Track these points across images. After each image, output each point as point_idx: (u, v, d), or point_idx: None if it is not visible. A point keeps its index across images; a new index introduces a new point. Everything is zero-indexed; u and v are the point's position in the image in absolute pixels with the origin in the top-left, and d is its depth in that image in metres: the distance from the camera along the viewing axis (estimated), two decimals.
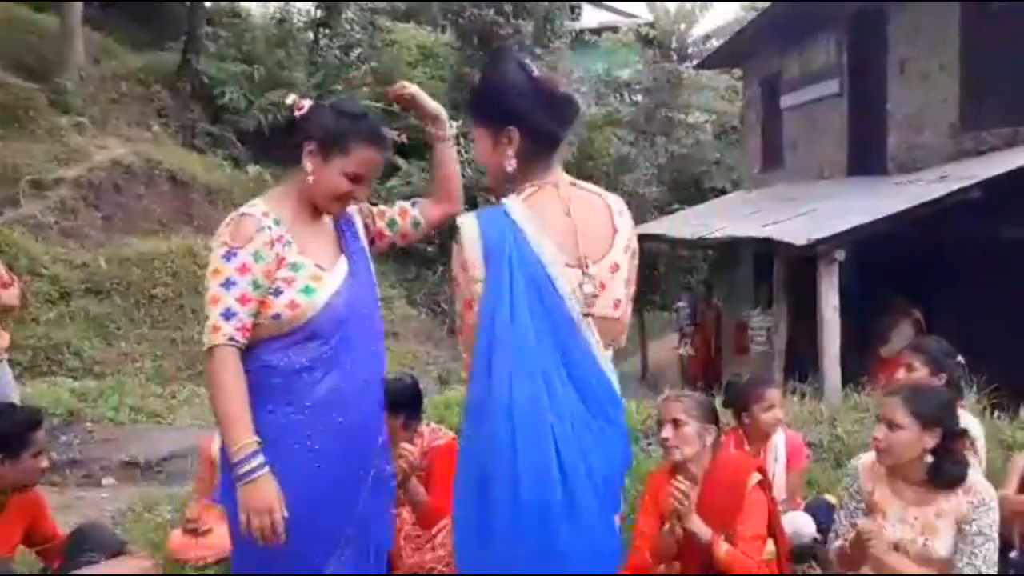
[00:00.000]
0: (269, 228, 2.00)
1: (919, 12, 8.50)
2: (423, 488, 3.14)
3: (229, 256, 1.96)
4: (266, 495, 1.89)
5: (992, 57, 7.66)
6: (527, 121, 1.85)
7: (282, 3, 13.90)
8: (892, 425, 2.42)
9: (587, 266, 1.83)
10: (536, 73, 1.89)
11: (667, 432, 2.75)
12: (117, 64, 12.59)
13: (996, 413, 4.54)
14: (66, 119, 10.69)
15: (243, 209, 2.05)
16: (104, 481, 5.50)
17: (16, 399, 4.64)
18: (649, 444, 4.47)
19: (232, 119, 12.45)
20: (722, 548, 2.58)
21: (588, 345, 1.82)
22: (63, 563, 2.93)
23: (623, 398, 5.16)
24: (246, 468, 1.88)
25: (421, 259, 12.78)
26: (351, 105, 2.22)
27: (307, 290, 2.01)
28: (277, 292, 1.98)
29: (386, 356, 2.26)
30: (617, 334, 1.93)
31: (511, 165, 1.87)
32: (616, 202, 1.95)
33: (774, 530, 2.80)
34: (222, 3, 16.21)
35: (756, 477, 2.74)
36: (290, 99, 2.14)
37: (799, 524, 3.17)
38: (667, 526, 2.69)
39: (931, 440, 2.41)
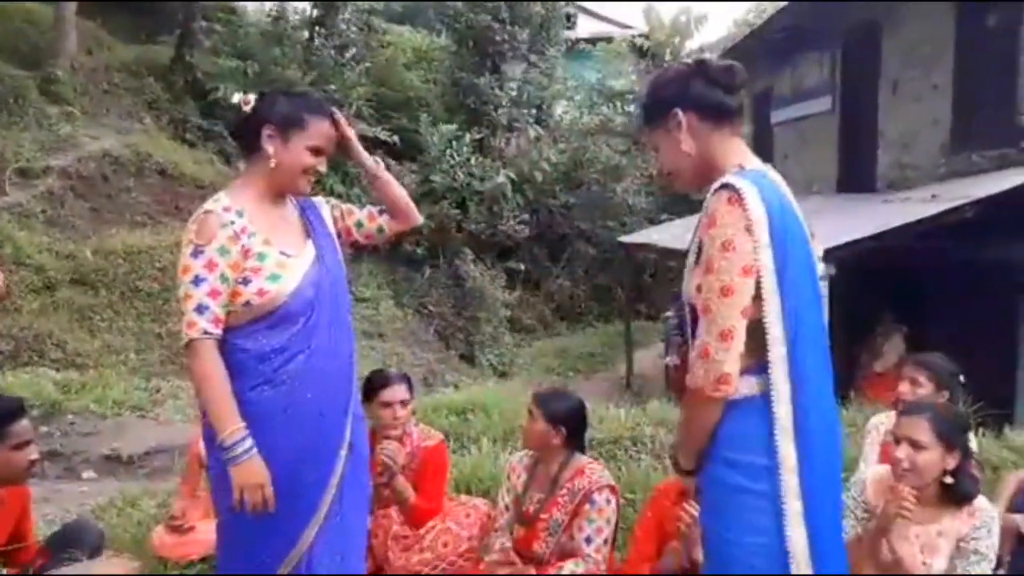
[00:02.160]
0: (232, 222, 2.11)
1: (913, 32, 8.58)
2: (411, 488, 3.13)
3: (196, 254, 2.08)
4: (257, 473, 2.05)
5: (985, 79, 7.74)
6: (689, 97, 1.82)
7: (278, 1, 13.87)
8: (916, 445, 2.40)
9: (816, 246, 1.81)
10: (692, 59, 1.89)
11: None
12: (110, 55, 12.48)
13: (981, 431, 4.57)
14: (56, 108, 10.58)
15: (207, 206, 2.15)
16: (84, 475, 5.44)
17: None
18: (637, 452, 4.47)
19: (224, 114, 12.36)
20: None
21: (825, 335, 1.82)
22: (47, 562, 2.87)
23: (608, 406, 5.16)
24: (239, 450, 2.04)
25: (408, 260, 12.74)
26: (295, 90, 2.36)
27: (274, 277, 2.12)
28: (246, 282, 2.10)
29: (354, 333, 2.36)
30: None
31: (689, 146, 1.83)
32: None
33: None
34: None
35: None
36: (236, 97, 2.27)
37: None
38: (673, 545, 2.69)
39: (952, 462, 2.41)
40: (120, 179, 10.16)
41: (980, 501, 2.47)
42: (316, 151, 2.22)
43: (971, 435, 3.27)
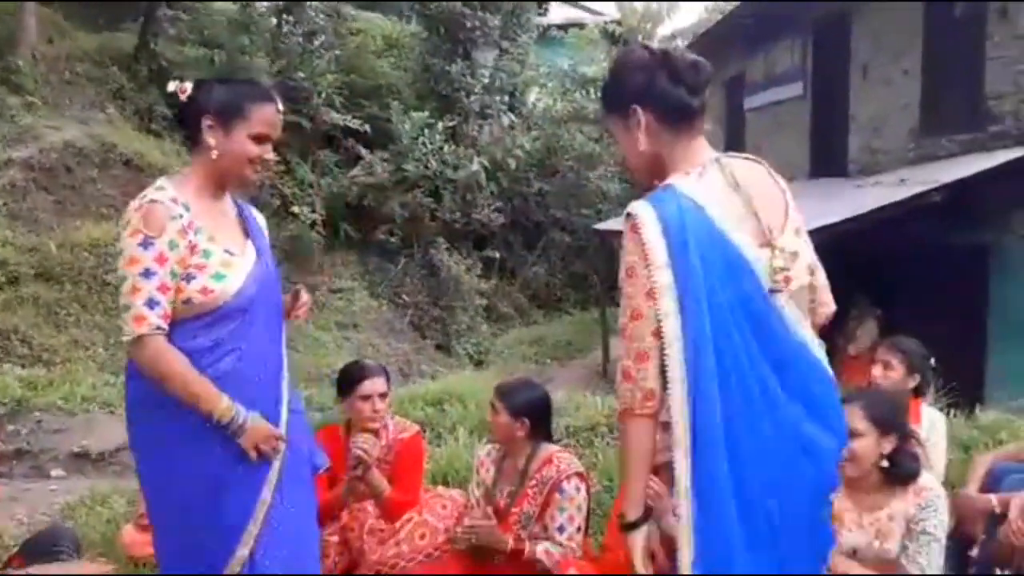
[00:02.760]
0: (180, 216, 2.04)
1: (883, 18, 8.64)
2: (386, 481, 3.10)
3: (146, 245, 2.00)
4: (264, 426, 2.10)
5: (953, 64, 7.81)
6: (651, 95, 1.78)
7: None
8: (852, 433, 2.41)
9: (774, 239, 1.75)
10: (657, 48, 1.83)
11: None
12: (71, 44, 12.17)
13: (952, 412, 4.63)
14: (17, 99, 10.31)
15: (152, 195, 2.06)
16: (53, 472, 5.32)
17: None
18: (614, 438, 4.46)
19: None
20: None
21: (788, 324, 1.74)
22: (22, 563, 2.80)
23: (585, 393, 5.16)
24: (240, 419, 2.05)
25: (382, 250, 12.64)
26: (236, 77, 2.31)
27: (218, 276, 2.07)
28: (189, 278, 2.04)
29: (284, 332, 2.31)
30: (824, 299, 1.88)
31: (642, 144, 1.81)
32: (764, 161, 1.89)
33: None
34: None
35: None
36: (172, 86, 2.17)
37: None
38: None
39: (888, 445, 2.43)
40: (84, 170, 9.94)
41: (925, 480, 2.49)
42: (259, 139, 2.14)
43: (933, 411, 3.31)
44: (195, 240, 2.06)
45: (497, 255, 13.63)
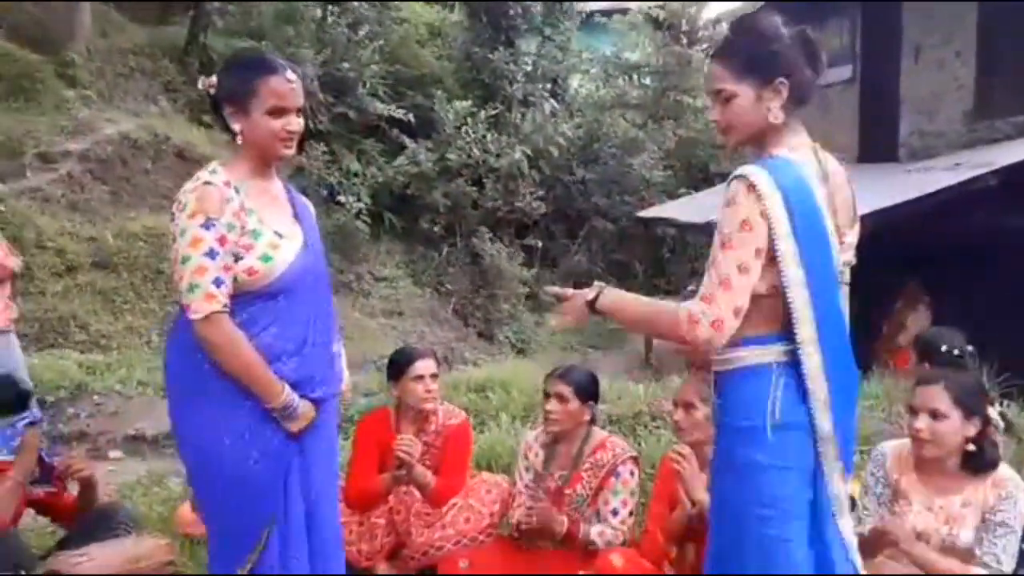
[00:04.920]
0: (232, 199, 2.09)
1: None
2: (430, 473, 3.15)
3: (208, 226, 2.03)
4: (310, 413, 2.16)
5: (1008, 43, 7.58)
6: (796, 72, 1.80)
7: None
8: (936, 415, 2.37)
9: (843, 236, 1.84)
10: (795, 27, 1.84)
11: (679, 415, 2.77)
12: (124, 38, 12.45)
13: (1006, 402, 4.52)
14: (73, 92, 10.59)
15: (205, 177, 2.12)
16: (111, 454, 5.51)
17: (24, 371, 4.65)
18: (657, 427, 4.47)
19: None
20: None
21: (844, 315, 1.87)
22: (80, 534, 2.93)
23: (628, 382, 5.22)
24: (295, 404, 2.12)
25: (426, 239, 12.73)
26: (244, 57, 2.40)
27: (265, 257, 2.11)
28: (237, 258, 2.08)
29: (335, 317, 2.35)
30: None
31: (777, 117, 1.80)
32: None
33: None
34: None
35: None
36: (201, 83, 2.22)
37: None
38: (678, 509, 2.70)
39: (972, 429, 2.38)
40: (138, 162, 10.19)
41: (1003, 470, 2.44)
42: (276, 112, 2.14)
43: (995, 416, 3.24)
44: (245, 221, 2.10)
45: (539, 243, 13.62)
